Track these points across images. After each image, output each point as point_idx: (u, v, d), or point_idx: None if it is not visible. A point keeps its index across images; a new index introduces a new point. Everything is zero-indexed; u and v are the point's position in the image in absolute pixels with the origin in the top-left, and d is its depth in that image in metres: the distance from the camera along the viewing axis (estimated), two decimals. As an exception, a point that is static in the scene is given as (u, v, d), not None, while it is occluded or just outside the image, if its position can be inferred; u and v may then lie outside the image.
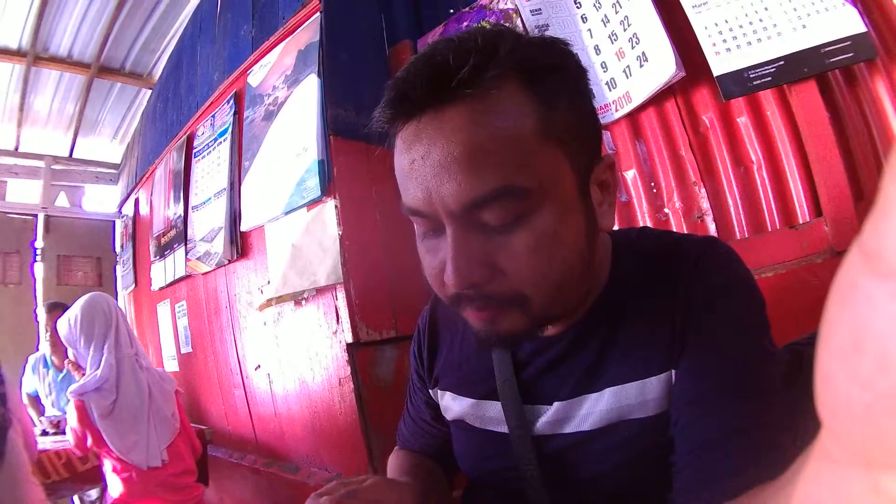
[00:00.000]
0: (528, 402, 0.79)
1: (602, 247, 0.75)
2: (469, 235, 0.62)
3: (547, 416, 0.77)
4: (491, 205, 0.59)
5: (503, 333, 0.67)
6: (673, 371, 0.68)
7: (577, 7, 1.81)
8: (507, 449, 0.80)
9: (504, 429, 0.81)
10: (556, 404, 0.76)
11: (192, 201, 3.01)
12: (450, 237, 0.62)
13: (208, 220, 2.78)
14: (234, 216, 2.57)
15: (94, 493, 3.24)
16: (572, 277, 0.66)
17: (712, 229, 1.55)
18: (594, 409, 0.73)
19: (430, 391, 0.97)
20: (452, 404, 0.90)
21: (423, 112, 0.61)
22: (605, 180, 0.70)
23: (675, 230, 1.56)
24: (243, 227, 2.49)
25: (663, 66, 1.56)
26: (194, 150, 3.08)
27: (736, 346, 0.66)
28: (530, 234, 0.61)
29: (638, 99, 1.65)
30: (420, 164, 0.61)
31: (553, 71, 0.63)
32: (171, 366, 3.45)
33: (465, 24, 2.07)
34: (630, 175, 1.71)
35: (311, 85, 2.13)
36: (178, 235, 3.16)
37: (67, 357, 2.44)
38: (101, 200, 6.04)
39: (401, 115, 0.63)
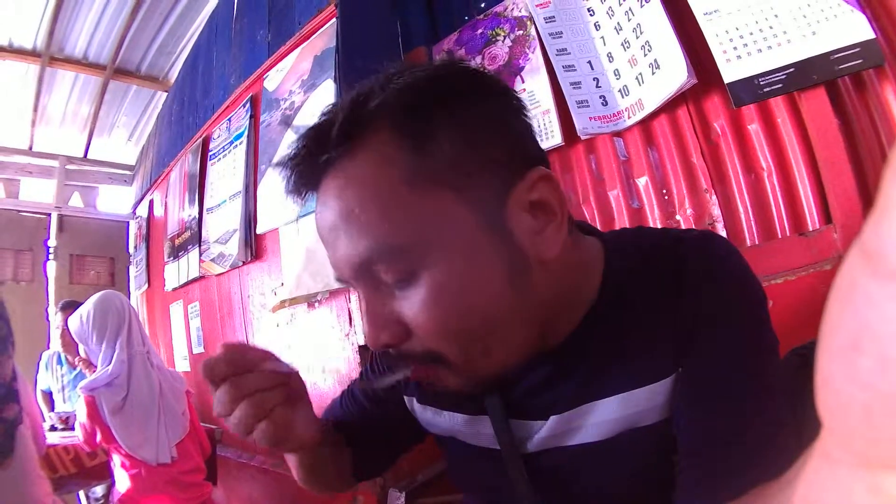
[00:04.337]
0: (520, 418, 0.75)
1: (586, 256, 0.72)
2: (374, 296, 0.61)
3: (543, 431, 0.73)
4: (378, 265, 0.58)
5: (443, 390, 0.65)
6: (680, 370, 0.66)
7: (591, 14, 1.83)
8: (501, 465, 0.76)
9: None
10: (553, 418, 0.72)
11: (207, 203, 3.05)
12: (360, 299, 0.63)
13: (223, 223, 2.81)
14: (249, 219, 2.60)
15: (99, 491, 3.25)
16: (494, 329, 0.61)
17: (723, 236, 1.56)
18: (600, 418, 0.69)
19: (406, 398, 0.90)
20: (437, 420, 0.85)
21: (318, 183, 0.61)
22: (537, 201, 0.61)
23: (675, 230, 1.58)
24: (259, 230, 2.51)
25: (675, 73, 1.58)
26: (210, 153, 3.11)
27: (738, 344, 0.65)
28: (425, 288, 0.57)
29: (650, 106, 1.66)
30: (320, 236, 0.63)
31: (427, 105, 0.58)
32: (183, 366, 3.47)
33: (480, 31, 2.09)
34: (642, 182, 1.73)
35: (327, 90, 2.16)
36: (193, 237, 3.19)
37: (79, 354, 2.45)
38: (115, 201, 6.08)
39: (304, 196, 0.64)
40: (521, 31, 1.96)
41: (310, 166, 0.60)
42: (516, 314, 0.61)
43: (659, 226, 1.67)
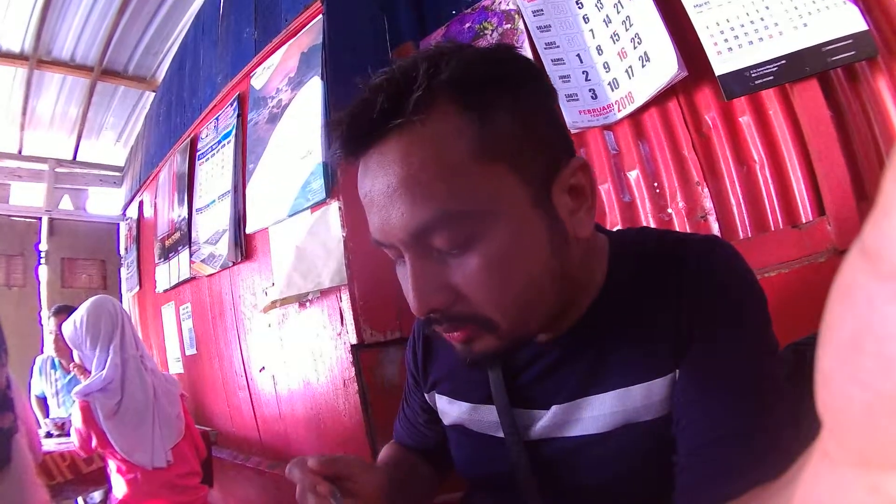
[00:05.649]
0: (524, 407, 0.78)
1: (596, 248, 0.75)
2: (425, 262, 0.63)
3: (544, 420, 0.75)
4: (436, 231, 0.60)
5: (478, 354, 0.67)
6: (677, 371, 0.68)
7: (580, 7, 1.81)
8: (504, 454, 0.79)
9: (502, 433, 0.80)
10: (554, 408, 0.75)
11: (197, 204, 3.03)
12: (408, 264, 0.64)
13: (212, 223, 2.80)
14: (239, 218, 2.58)
15: (97, 496, 3.24)
16: (538, 295, 0.65)
17: (715, 229, 1.55)
18: (597, 412, 0.71)
19: (426, 395, 0.96)
20: (449, 408, 0.89)
21: (368, 148, 0.63)
22: (575, 185, 0.67)
23: (677, 230, 1.57)
24: (248, 230, 2.50)
25: (665, 66, 1.56)
26: (198, 153, 3.09)
27: (738, 345, 0.65)
28: (482, 256, 0.61)
29: (640, 99, 1.65)
30: (370, 199, 0.64)
31: (490, 83, 0.62)
32: (176, 368, 3.46)
33: (468, 25, 2.07)
34: (633, 175, 1.71)
35: (314, 87, 2.14)
36: (183, 238, 3.17)
37: (73, 360, 2.45)
38: (104, 203, 6.05)
39: (350, 156, 0.66)
40: (508, 25, 1.94)
41: (374, 127, 0.61)
42: (554, 282, 0.66)
43: (651, 219, 1.66)
